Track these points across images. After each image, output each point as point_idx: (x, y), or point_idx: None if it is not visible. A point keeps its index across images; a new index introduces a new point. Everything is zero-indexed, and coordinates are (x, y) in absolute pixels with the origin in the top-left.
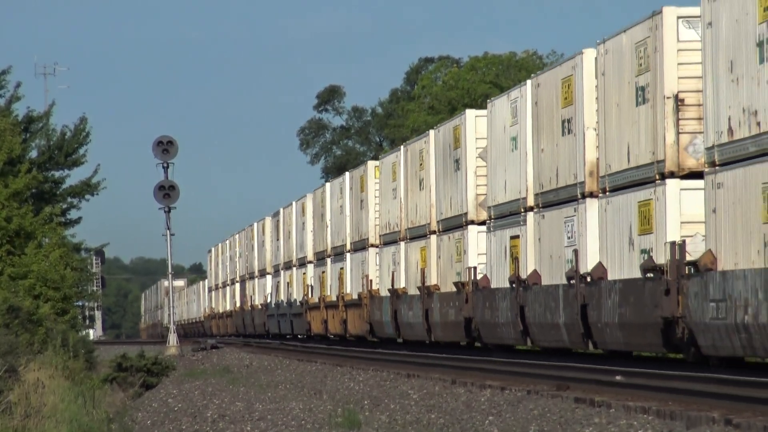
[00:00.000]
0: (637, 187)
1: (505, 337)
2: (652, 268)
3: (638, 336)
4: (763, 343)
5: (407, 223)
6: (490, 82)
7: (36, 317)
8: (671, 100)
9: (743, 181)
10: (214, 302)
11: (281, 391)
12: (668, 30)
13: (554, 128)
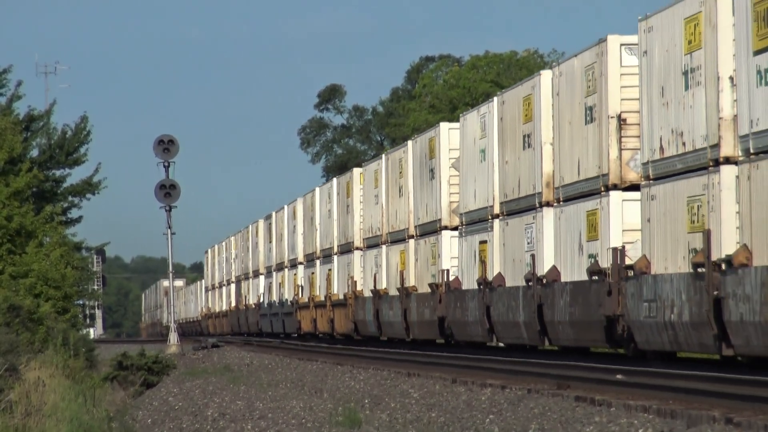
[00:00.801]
0: (585, 197)
1: (473, 335)
2: (597, 272)
3: (586, 333)
4: (687, 339)
5: (388, 227)
6: (491, 81)
7: (37, 316)
8: (614, 120)
9: (672, 195)
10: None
11: (282, 390)
12: (612, 56)
13: (517, 142)
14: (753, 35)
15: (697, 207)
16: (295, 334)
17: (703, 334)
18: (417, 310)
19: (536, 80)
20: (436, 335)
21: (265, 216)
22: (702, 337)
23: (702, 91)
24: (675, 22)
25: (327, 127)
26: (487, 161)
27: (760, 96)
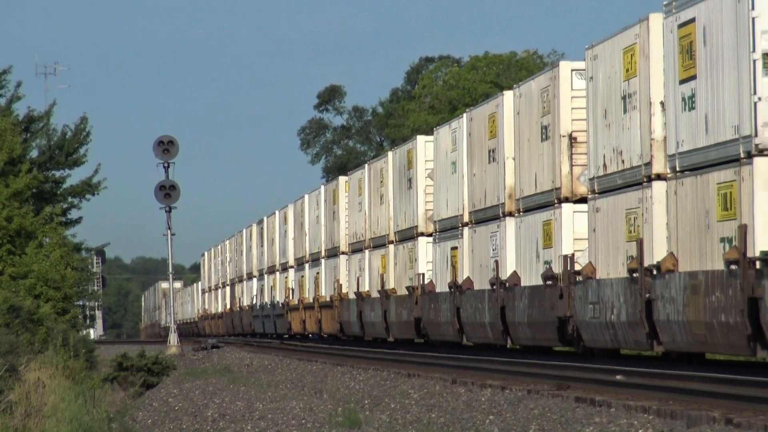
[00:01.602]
0: (541, 209)
1: (446, 335)
2: (551, 277)
3: (541, 332)
4: (625, 337)
5: (371, 233)
6: (490, 82)
7: (37, 317)
8: (566, 138)
9: (613, 207)
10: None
11: (282, 391)
12: (564, 80)
13: (483, 156)
14: (679, 66)
15: (633, 218)
16: (285, 334)
17: (638, 332)
18: (396, 312)
19: (500, 100)
20: (413, 335)
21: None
22: (637, 335)
23: (637, 114)
24: (615, 52)
25: (327, 128)
26: (457, 173)
27: (685, 120)
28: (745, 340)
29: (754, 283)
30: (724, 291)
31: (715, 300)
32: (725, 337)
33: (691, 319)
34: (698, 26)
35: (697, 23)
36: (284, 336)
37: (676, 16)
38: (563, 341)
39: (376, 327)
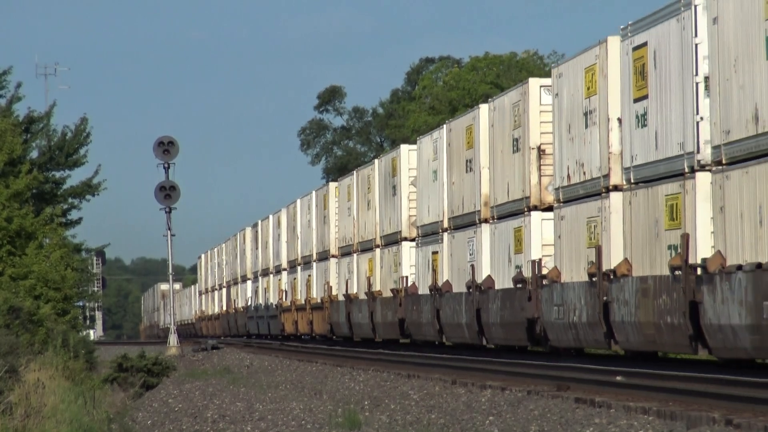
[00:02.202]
0: (513, 216)
1: (427, 335)
2: (521, 280)
3: (512, 333)
4: (585, 337)
5: (358, 237)
6: (490, 83)
7: (36, 318)
8: (535, 150)
9: (575, 216)
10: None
11: (281, 392)
12: (533, 96)
13: (461, 166)
14: (633, 86)
15: (594, 226)
16: (279, 335)
17: (597, 332)
18: (382, 313)
19: (476, 112)
20: (398, 335)
21: (252, 224)
22: (596, 335)
23: (597, 129)
24: (578, 71)
25: (327, 129)
26: (438, 181)
27: (638, 136)
28: (687, 340)
29: (694, 287)
30: (669, 294)
31: (662, 303)
32: (671, 336)
33: (642, 320)
34: (650, 50)
35: (648, 47)
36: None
37: (631, 40)
38: (532, 341)
39: (363, 328)
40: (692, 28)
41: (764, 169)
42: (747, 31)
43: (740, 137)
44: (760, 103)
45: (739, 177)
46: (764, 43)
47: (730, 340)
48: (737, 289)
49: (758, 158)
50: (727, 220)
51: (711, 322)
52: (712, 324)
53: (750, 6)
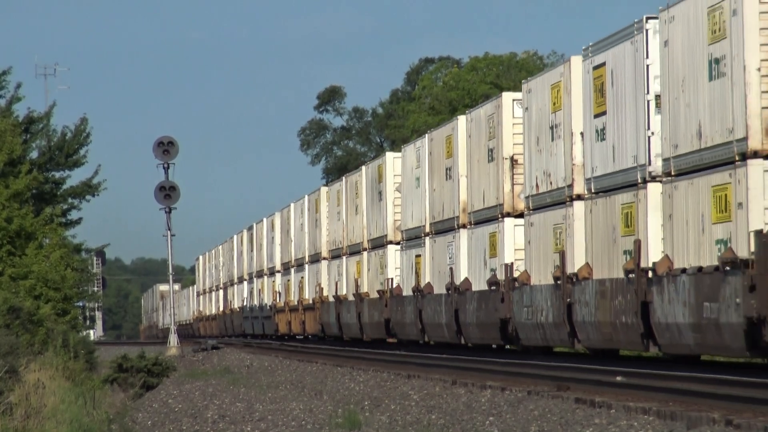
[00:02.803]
0: (488, 222)
1: (410, 334)
2: (494, 283)
3: (487, 332)
4: (552, 336)
5: (347, 241)
6: (490, 83)
7: (36, 318)
8: (508, 160)
9: (543, 222)
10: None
11: (282, 392)
12: (506, 109)
13: (441, 174)
14: (593, 102)
15: (559, 233)
16: (273, 335)
17: (561, 331)
18: (368, 313)
19: (455, 123)
20: (384, 334)
21: (248, 227)
22: (561, 334)
23: (562, 142)
24: (545, 87)
25: (327, 129)
26: (420, 187)
27: (598, 149)
28: (639, 337)
29: (645, 289)
30: (624, 296)
31: (618, 303)
32: (625, 335)
33: (601, 320)
34: (608, 69)
35: (607, 67)
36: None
37: (591, 60)
38: (505, 340)
39: (351, 328)
40: (644, 50)
41: (706, 180)
42: (693, 55)
43: (686, 151)
44: (703, 120)
45: (685, 188)
46: (707, 66)
47: (676, 337)
48: (681, 291)
49: (701, 171)
50: (675, 228)
51: (660, 321)
52: (660, 323)
53: (696, 32)
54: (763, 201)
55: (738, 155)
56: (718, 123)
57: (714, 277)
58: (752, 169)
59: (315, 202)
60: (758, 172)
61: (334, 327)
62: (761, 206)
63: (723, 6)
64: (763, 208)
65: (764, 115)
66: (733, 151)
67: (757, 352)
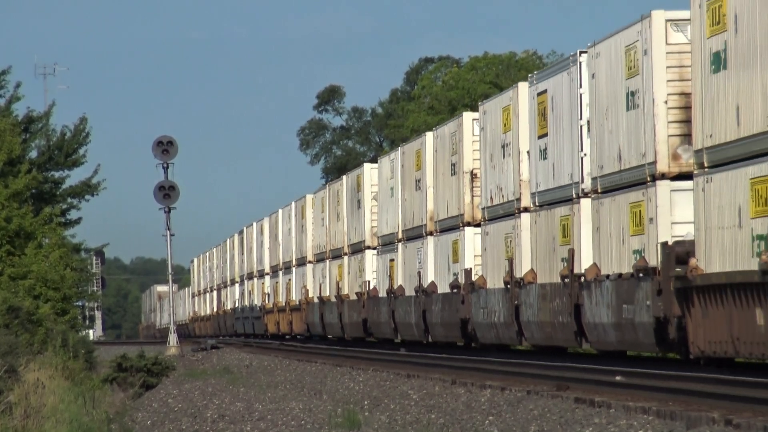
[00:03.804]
0: (451, 230)
1: (385, 333)
2: (456, 286)
3: (450, 331)
4: (503, 335)
5: (330, 245)
6: (490, 83)
7: (36, 317)
8: (468, 174)
9: (496, 232)
10: (197, 306)
11: (281, 392)
12: (466, 127)
13: (412, 185)
14: (537, 125)
15: (510, 241)
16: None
17: (510, 330)
18: (348, 314)
19: (423, 139)
20: (362, 333)
21: (239, 231)
22: (510, 333)
23: (511, 160)
24: (498, 109)
25: (326, 129)
26: (394, 197)
27: (541, 167)
28: (573, 335)
29: (578, 293)
30: (560, 298)
31: (556, 305)
32: (562, 333)
33: (542, 320)
34: (549, 96)
35: (548, 94)
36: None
37: (535, 86)
38: (466, 338)
39: (334, 327)
40: (578, 81)
41: (625, 198)
42: (614, 87)
43: (610, 172)
44: (622, 145)
45: (609, 204)
46: (625, 98)
47: (602, 335)
48: (605, 295)
49: (621, 189)
50: (601, 239)
51: (589, 321)
52: (589, 322)
53: (616, 67)
54: (669, 217)
55: (649, 176)
56: (633, 148)
57: (630, 283)
58: (660, 189)
59: (301, 208)
60: (665, 192)
61: (318, 327)
62: (668, 221)
63: (636, 46)
64: (670, 222)
65: (670, 142)
66: (646, 173)
67: (664, 347)
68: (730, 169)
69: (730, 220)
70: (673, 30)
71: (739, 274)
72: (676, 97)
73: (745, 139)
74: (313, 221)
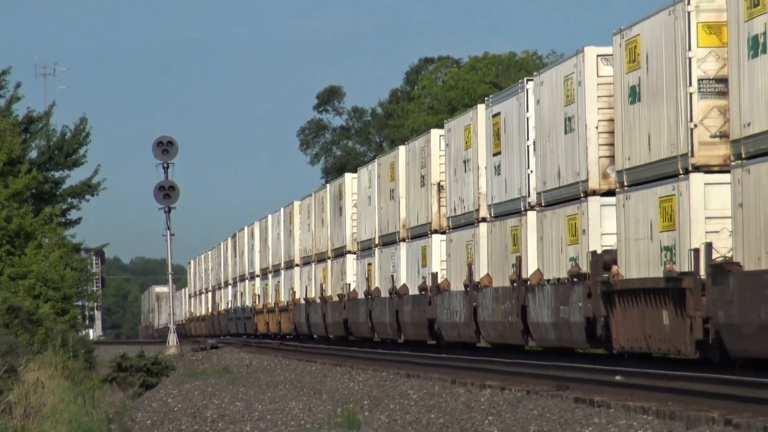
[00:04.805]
0: (421, 237)
1: (363, 332)
2: (424, 288)
3: (419, 330)
4: (463, 334)
5: (315, 250)
6: (490, 83)
7: (36, 317)
8: (435, 186)
9: (458, 239)
10: (193, 307)
11: (281, 391)
12: (434, 143)
13: (387, 194)
14: (492, 143)
15: (470, 248)
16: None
17: (470, 329)
18: (331, 314)
19: (397, 152)
20: (343, 333)
21: (232, 235)
22: (469, 332)
23: (471, 174)
24: (460, 128)
25: (326, 129)
26: (372, 205)
27: (496, 182)
28: (520, 334)
29: (524, 295)
30: (510, 300)
31: (506, 307)
32: (511, 332)
33: (496, 320)
34: (502, 118)
35: (501, 116)
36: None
37: (491, 109)
38: (432, 336)
39: (318, 327)
40: (525, 106)
41: (563, 211)
42: (554, 113)
43: (551, 187)
44: (561, 164)
45: (551, 216)
46: (563, 123)
47: (544, 333)
48: (546, 297)
49: (560, 203)
50: (544, 247)
51: (533, 321)
52: (534, 322)
53: (556, 95)
54: (599, 228)
55: (582, 193)
56: (570, 167)
57: (566, 287)
58: (591, 204)
59: (289, 214)
60: (596, 206)
61: (304, 326)
62: (598, 232)
63: (572, 77)
64: (600, 234)
65: (600, 162)
66: (580, 189)
67: (593, 343)
68: (643, 189)
69: (643, 233)
70: (603, 64)
71: (649, 280)
72: (605, 123)
73: (654, 163)
74: (300, 226)
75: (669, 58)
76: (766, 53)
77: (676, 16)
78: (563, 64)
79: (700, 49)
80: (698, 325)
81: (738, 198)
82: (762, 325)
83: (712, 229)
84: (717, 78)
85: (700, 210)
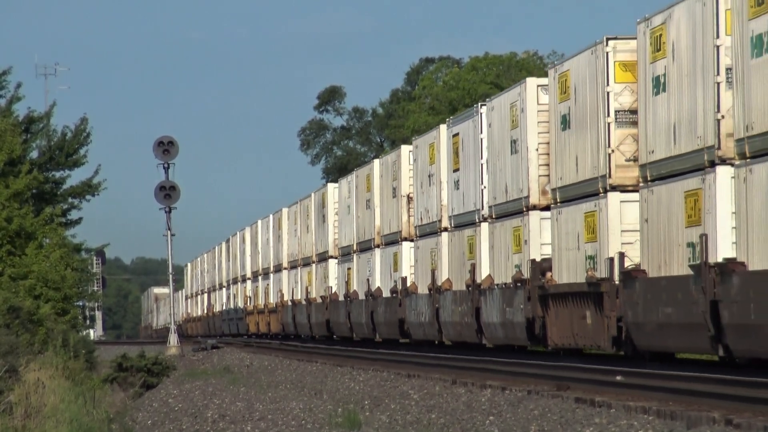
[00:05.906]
0: (392, 244)
1: (343, 332)
2: (395, 291)
3: (391, 329)
4: (428, 333)
5: (301, 254)
6: (490, 83)
7: (36, 317)
8: (405, 198)
9: (425, 247)
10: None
11: (282, 391)
12: (404, 158)
13: (364, 204)
14: (452, 160)
15: (434, 255)
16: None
17: (434, 329)
18: (315, 315)
19: (372, 165)
20: (326, 332)
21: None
22: (433, 331)
23: (435, 188)
24: (426, 145)
25: (327, 129)
26: (351, 214)
27: (455, 195)
28: (475, 333)
29: (478, 298)
30: (465, 302)
31: (463, 308)
32: (467, 331)
33: (455, 320)
34: (460, 138)
35: (460, 136)
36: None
37: (451, 129)
38: (403, 335)
39: (303, 327)
40: (479, 128)
41: (510, 223)
42: (502, 136)
43: (500, 202)
44: (508, 181)
45: (500, 227)
46: (510, 145)
47: (494, 332)
48: (495, 300)
49: (508, 216)
50: (495, 255)
51: (485, 321)
52: (486, 322)
53: (504, 120)
54: (539, 239)
55: (525, 207)
56: (515, 184)
57: (511, 291)
58: (532, 217)
59: (278, 220)
60: (536, 220)
61: (291, 326)
62: (538, 242)
63: (517, 104)
64: (539, 243)
65: (540, 180)
66: (522, 204)
67: (533, 341)
68: (572, 205)
69: (572, 244)
70: (542, 93)
71: (576, 285)
72: (545, 146)
73: (581, 183)
74: (288, 232)
75: (592, 91)
76: (666, 91)
77: (597, 55)
78: (510, 92)
79: (617, 84)
80: (613, 324)
81: (644, 214)
82: (659, 324)
83: (626, 241)
84: (631, 110)
85: (617, 224)
